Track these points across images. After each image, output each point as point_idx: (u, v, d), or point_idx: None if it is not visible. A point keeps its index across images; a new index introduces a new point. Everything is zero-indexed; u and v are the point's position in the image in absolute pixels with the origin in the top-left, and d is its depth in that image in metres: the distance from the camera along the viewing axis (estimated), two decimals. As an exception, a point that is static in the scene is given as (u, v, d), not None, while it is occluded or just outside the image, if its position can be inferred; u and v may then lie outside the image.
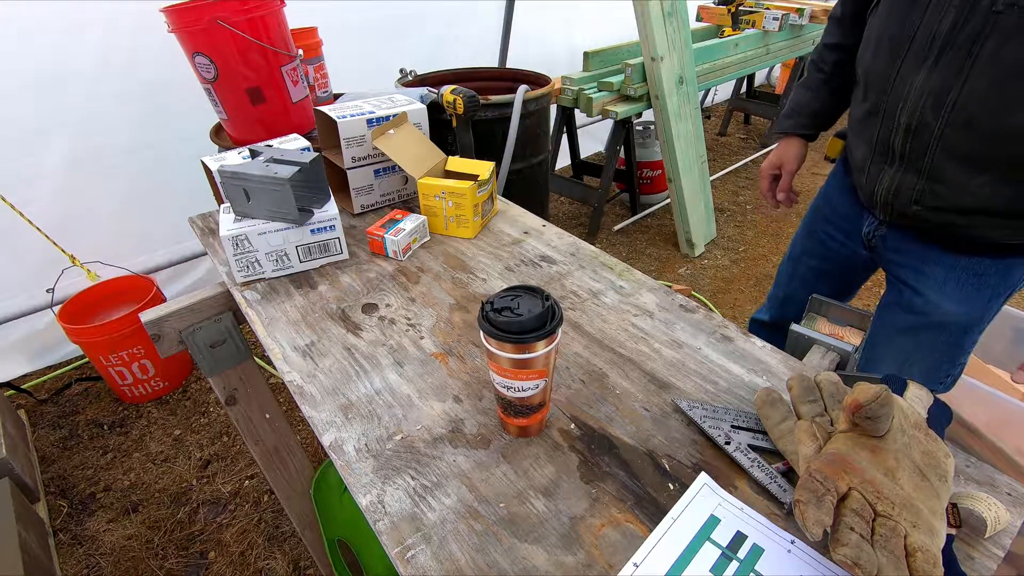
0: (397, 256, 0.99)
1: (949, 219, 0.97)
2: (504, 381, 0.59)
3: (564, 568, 0.51)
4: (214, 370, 0.99)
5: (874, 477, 0.49)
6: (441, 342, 0.80)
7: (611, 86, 2.61)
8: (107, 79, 1.92)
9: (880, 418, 0.50)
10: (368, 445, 0.64)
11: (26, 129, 1.84)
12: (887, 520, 0.46)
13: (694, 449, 0.63)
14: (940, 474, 0.51)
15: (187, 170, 1.92)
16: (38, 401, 2.04)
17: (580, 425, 0.66)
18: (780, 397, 0.64)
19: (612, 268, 0.95)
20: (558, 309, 0.58)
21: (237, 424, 1.07)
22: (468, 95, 1.45)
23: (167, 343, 0.93)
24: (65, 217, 1.97)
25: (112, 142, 2.01)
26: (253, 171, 0.89)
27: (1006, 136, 0.79)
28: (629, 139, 2.87)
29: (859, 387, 0.51)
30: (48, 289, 1.94)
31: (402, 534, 0.54)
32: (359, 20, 2.41)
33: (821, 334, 0.79)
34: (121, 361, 1.91)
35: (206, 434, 1.92)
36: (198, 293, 0.95)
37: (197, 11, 1.43)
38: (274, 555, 1.53)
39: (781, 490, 0.57)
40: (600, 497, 0.57)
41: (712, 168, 3.65)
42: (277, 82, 1.60)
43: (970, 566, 0.50)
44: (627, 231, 3.11)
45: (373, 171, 1.12)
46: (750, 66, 3.36)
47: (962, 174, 0.89)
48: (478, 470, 0.61)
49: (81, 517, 1.65)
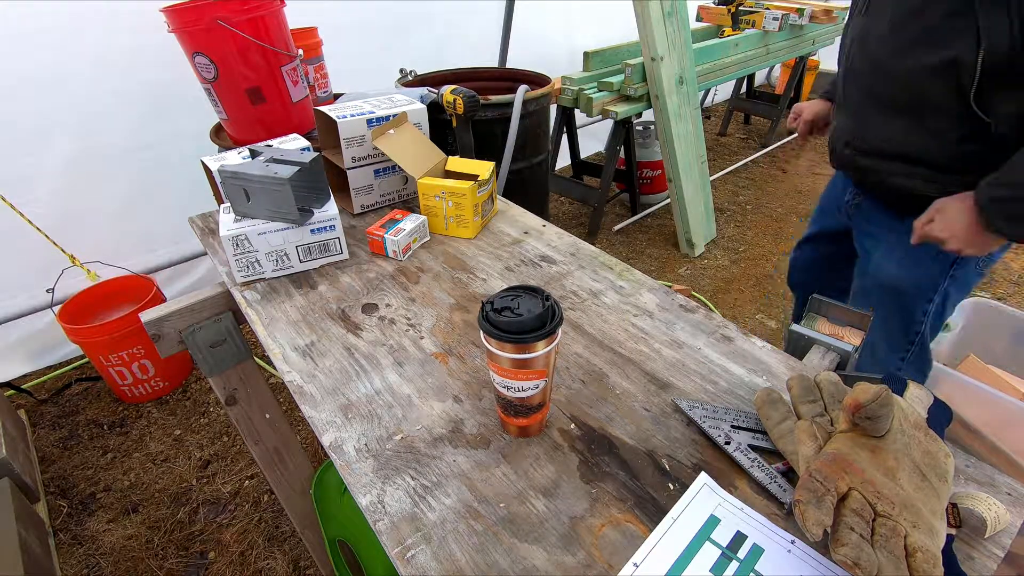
0: (397, 256, 0.99)
1: (875, 164, 1.03)
2: (504, 381, 0.59)
3: (564, 568, 0.51)
4: (214, 370, 0.99)
5: (874, 477, 0.49)
6: (441, 342, 0.80)
7: (611, 86, 2.61)
8: (107, 79, 1.92)
9: (880, 418, 0.50)
10: (368, 445, 0.64)
11: (26, 129, 1.84)
12: (887, 520, 0.46)
13: (694, 449, 0.63)
14: (940, 474, 0.51)
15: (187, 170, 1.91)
16: (38, 401, 2.04)
17: (580, 425, 0.66)
18: (780, 397, 0.64)
19: (612, 268, 0.95)
20: (558, 309, 0.58)
21: (237, 424, 1.07)
22: (468, 95, 1.45)
23: (167, 343, 0.93)
24: (65, 217, 1.97)
25: (112, 142, 2.01)
26: (253, 171, 0.89)
27: (905, 78, 0.84)
28: (629, 139, 2.87)
29: (859, 387, 0.52)
30: (48, 289, 1.94)
31: (402, 534, 0.54)
32: (359, 20, 2.41)
33: (821, 334, 0.79)
34: (121, 361, 1.91)
35: (206, 434, 1.92)
36: (198, 293, 0.95)
37: (197, 11, 1.43)
38: (274, 555, 1.53)
39: (781, 490, 0.57)
40: (600, 497, 0.57)
41: (712, 168, 3.65)
42: (277, 82, 1.60)
43: (970, 566, 0.50)
44: (627, 231, 3.11)
45: (373, 171, 1.12)
46: (750, 66, 3.36)
47: (879, 116, 0.95)
48: (478, 470, 0.61)
49: (81, 517, 1.65)
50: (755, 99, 4.27)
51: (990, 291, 2.53)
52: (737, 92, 4.25)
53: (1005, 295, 2.50)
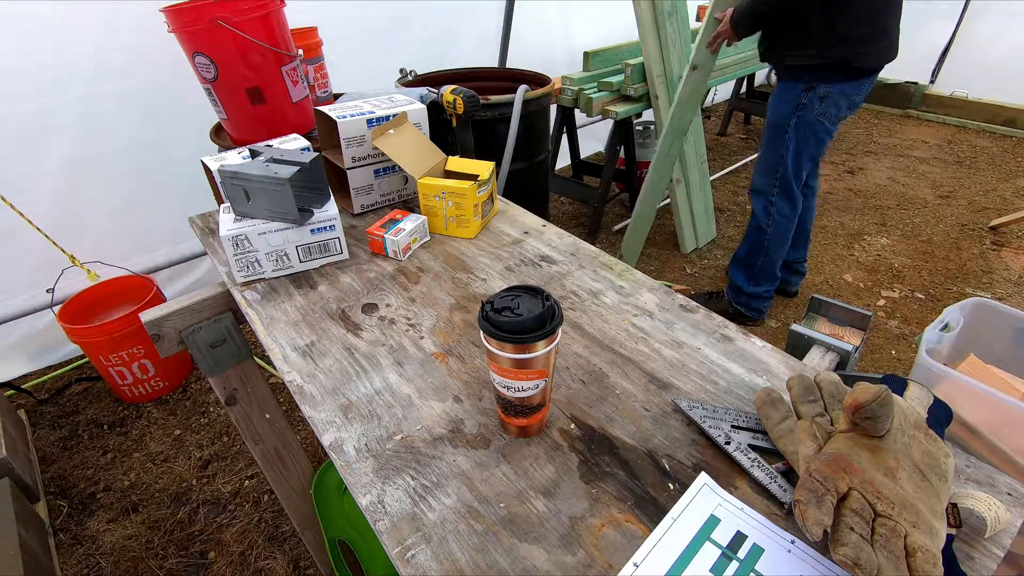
0: (397, 256, 0.99)
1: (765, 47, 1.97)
2: (504, 381, 0.59)
3: (564, 568, 0.51)
4: (214, 370, 0.99)
5: (874, 477, 0.49)
6: (441, 342, 0.80)
7: (611, 86, 2.61)
8: (107, 79, 1.92)
9: (880, 418, 0.50)
10: (368, 445, 0.64)
11: (26, 129, 1.84)
12: (887, 520, 0.46)
13: (694, 449, 0.63)
14: (940, 474, 0.51)
15: (187, 170, 1.92)
16: (38, 401, 2.04)
17: (580, 425, 0.66)
18: (780, 397, 0.64)
19: (612, 268, 0.95)
20: (558, 309, 0.58)
21: (237, 424, 1.07)
22: (468, 95, 1.45)
23: (167, 343, 0.93)
24: (65, 217, 1.97)
25: (112, 142, 2.01)
26: (253, 171, 0.89)
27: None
28: (629, 139, 2.87)
29: (859, 387, 0.52)
30: (48, 289, 1.94)
31: (402, 534, 0.54)
32: (359, 20, 2.41)
33: (821, 334, 0.79)
34: (121, 361, 1.91)
35: (206, 434, 1.92)
36: (198, 293, 0.95)
37: (197, 11, 1.43)
38: (274, 555, 1.53)
39: (781, 490, 0.57)
40: (600, 497, 0.57)
41: (712, 168, 3.65)
42: (277, 82, 1.60)
43: (970, 566, 0.50)
44: (627, 231, 3.11)
45: (373, 171, 1.12)
46: (750, 66, 3.36)
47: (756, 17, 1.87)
48: (478, 470, 0.61)
49: (81, 517, 1.65)
50: (755, 99, 4.27)
51: (990, 291, 2.53)
52: (737, 92, 4.25)
53: (1005, 295, 2.50)
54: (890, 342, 2.25)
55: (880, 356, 2.18)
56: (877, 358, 2.17)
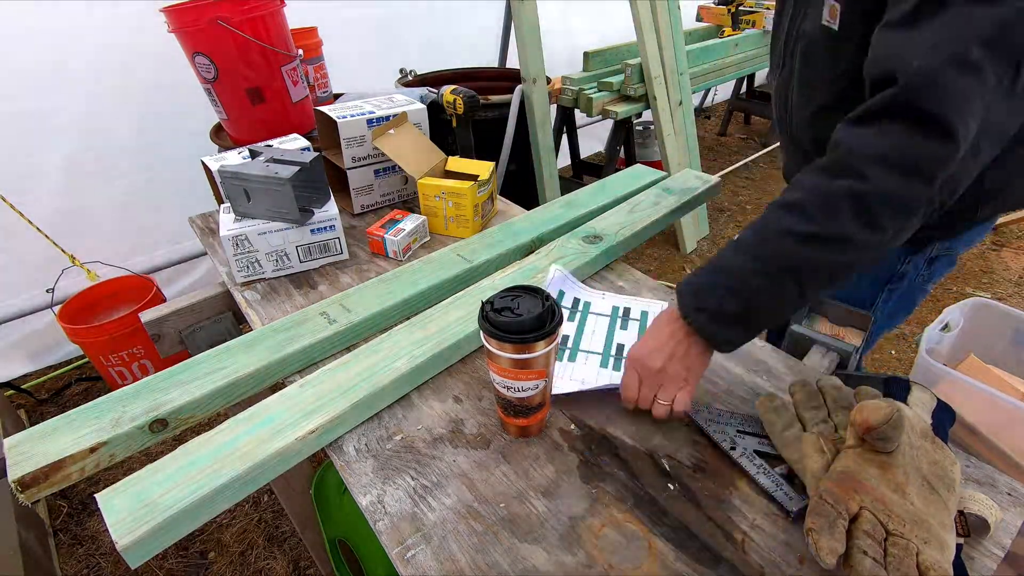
0: (397, 256, 0.98)
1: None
2: (504, 381, 0.59)
3: (564, 568, 0.51)
4: (214, 370, 0.99)
5: (884, 495, 0.48)
6: (441, 342, 0.79)
7: (611, 86, 2.61)
8: (107, 79, 1.92)
9: (891, 439, 0.50)
10: (368, 445, 0.64)
11: (26, 129, 1.84)
12: (899, 539, 0.46)
13: (694, 449, 0.63)
14: (948, 484, 0.51)
15: (187, 170, 1.91)
16: (38, 401, 2.04)
17: (580, 425, 0.66)
18: (783, 403, 0.63)
19: (612, 268, 0.95)
20: (558, 309, 0.58)
21: (237, 424, 1.07)
22: (468, 95, 1.45)
23: (167, 343, 0.93)
24: (65, 217, 1.97)
25: (112, 142, 2.00)
26: (253, 171, 0.89)
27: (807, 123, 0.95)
28: (629, 139, 2.87)
29: (869, 406, 0.51)
30: (48, 289, 1.93)
31: (402, 534, 0.54)
32: (359, 20, 2.41)
33: (821, 334, 0.79)
34: (121, 361, 1.91)
35: (206, 434, 1.91)
36: (198, 293, 0.95)
37: (197, 11, 1.43)
38: (274, 555, 1.53)
39: (787, 498, 0.56)
40: (600, 497, 0.57)
41: (712, 168, 3.65)
42: (277, 82, 1.60)
43: (970, 566, 0.50)
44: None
45: (373, 171, 1.12)
46: (750, 66, 3.36)
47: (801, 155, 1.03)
48: (478, 470, 0.61)
49: (81, 517, 1.65)
50: (755, 99, 4.26)
51: (990, 291, 2.53)
52: (737, 92, 4.24)
53: (1005, 295, 2.50)
54: (890, 342, 2.25)
55: (880, 356, 2.18)
56: (877, 358, 2.17)
